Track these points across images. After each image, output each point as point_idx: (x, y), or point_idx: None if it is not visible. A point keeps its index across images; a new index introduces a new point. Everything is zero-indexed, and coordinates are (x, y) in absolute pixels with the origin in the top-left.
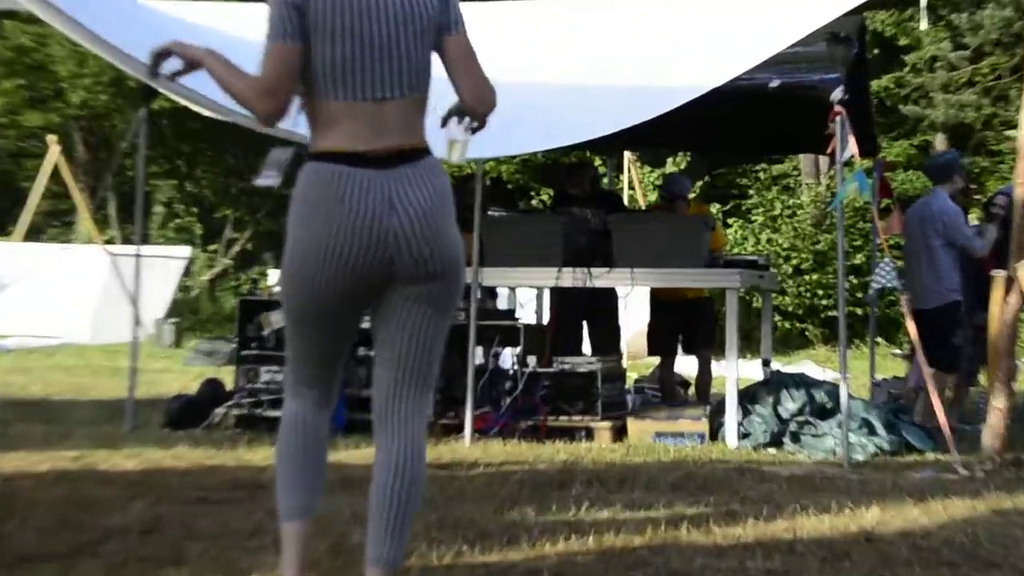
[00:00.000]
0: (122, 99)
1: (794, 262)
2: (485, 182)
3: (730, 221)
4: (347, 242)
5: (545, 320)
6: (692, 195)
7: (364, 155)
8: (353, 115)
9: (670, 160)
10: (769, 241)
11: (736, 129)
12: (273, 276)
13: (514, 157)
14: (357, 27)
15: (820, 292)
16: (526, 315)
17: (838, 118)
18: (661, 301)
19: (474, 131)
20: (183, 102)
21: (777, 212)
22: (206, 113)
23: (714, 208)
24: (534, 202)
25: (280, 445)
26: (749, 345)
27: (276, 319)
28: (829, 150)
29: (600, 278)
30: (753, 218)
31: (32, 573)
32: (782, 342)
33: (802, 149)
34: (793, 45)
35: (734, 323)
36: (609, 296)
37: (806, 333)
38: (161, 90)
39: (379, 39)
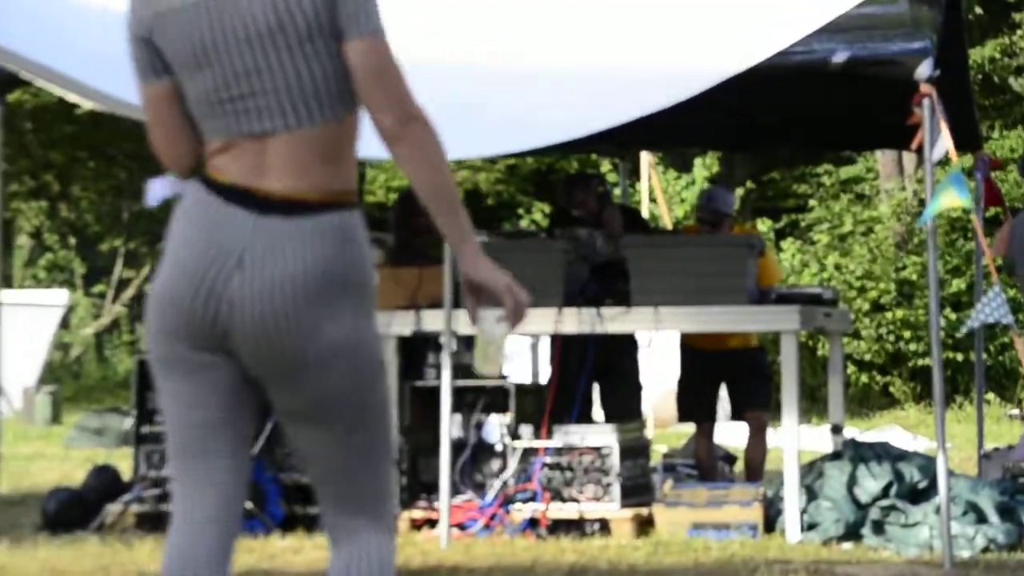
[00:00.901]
0: None
1: (872, 295)
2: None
3: (784, 244)
4: (174, 297)
5: (543, 378)
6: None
7: (244, 190)
8: (235, 155)
9: (699, 161)
10: (838, 268)
11: (789, 120)
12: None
13: (494, 161)
14: (212, 51)
15: (907, 334)
16: (518, 372)
17: (926, 101)
18: (696, 351)
19: (512, 323)
20: (55, 91)
21: (847, 229)
22: (87, 105)
23: (762, 226)
24: (524, 222)
25: None
26: (814, 406)
27: None
28: (915, 145)
29: (614, 321)
30: (816, 238)
31: None
32: (858, 401)
33: (880, 144)
34: (862, 4)
35: (793, 378)
36: (626, 345)
37: (890, 389)
38: (23, 75)
39: (242, 61)
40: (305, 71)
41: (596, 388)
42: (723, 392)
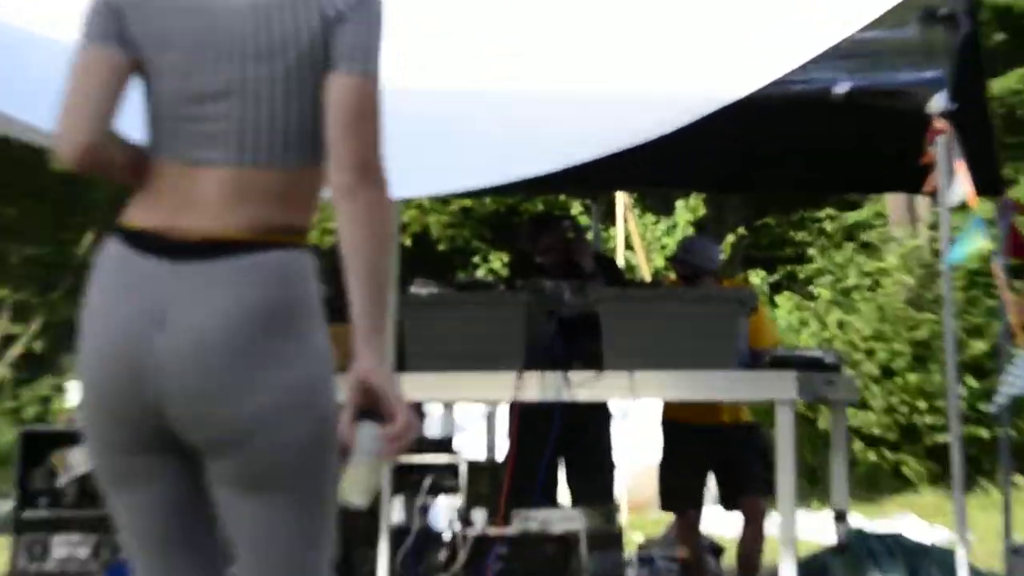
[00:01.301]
0: None
1: (881, 358)
2: (403, 241)
3: (780, 299)
4: (97, 371)
5: (500, 454)
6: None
7: (156, 235)
8: (163, 179)
9: (681, 204)
10: (841, 327)
11: (786, 158)
12: (76, 392)
13: (446, 202)
14: (189, 56)
15: (922, 404)
16: (470, 447)
17: (940, 138)
18: (681, 426)
19: (390, 452)
20: None
21: (852, 282)
22: None
23: (755, 278)
24: (481, 272)
25: None
26: (815, 488)
27: (78, 461)
28: (928, 188)
29: (584, 388)
30: (816, 292)
31: None
32: (866, 483)
33: (889, 187)
34: (867, 27)
35: (790, 454)
36: (598, 416)
37: (903, 469)
38: None
39: (216, 78)
40: (280, 106)
41: (562, 466)
42: (712, 475)
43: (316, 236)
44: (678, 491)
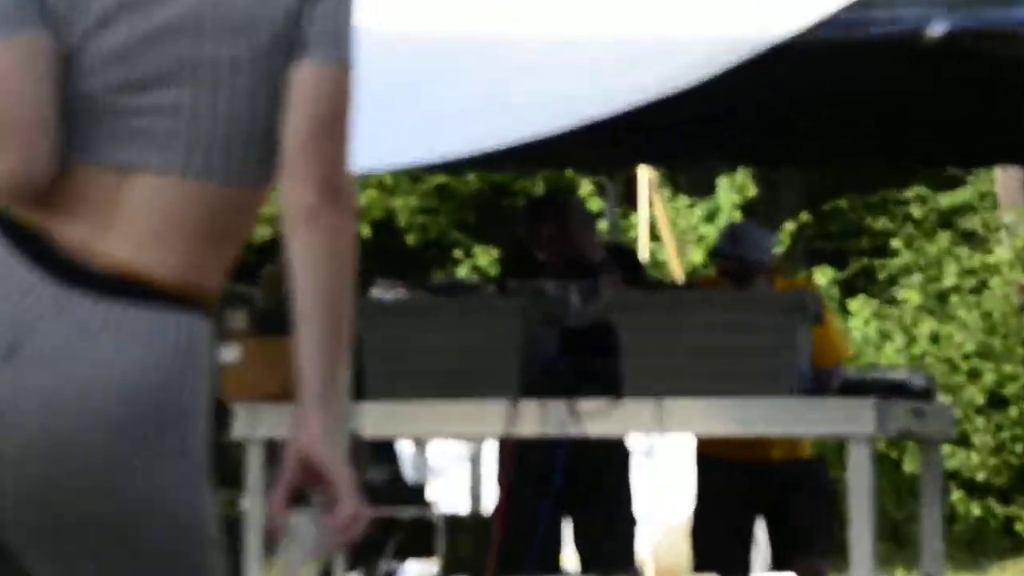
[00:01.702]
0: None
1: (987, 380)
2: (364, 232)
3: (854, 304)
4: None
5: (487, 506)
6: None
7: (45, 243)
8: (79, 189)
9: (724, 181)
10: (935, 340)
11: (860, 121)
12: None
13: (417, 178)
14: (114, 32)
15: None
16: (448, 496)
17: None
18: (720, 463)
19: (331, 544)
20: None
21: (950, 283)
22: None
23: (822, 278)
24: (463, 270)
25: None
26: (900, 550)
27: None
28: None
29: (596, 420)
30: (902, 296)
31: None
32: (967, 543)
33: (998, 159)
34: None
35: (867, 506)
36: (613, 456)
37: (1016, 526)
38: None
39: (168, 59)
40: (244, 99)
41: (567, 521)
42: (761, 527)
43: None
44: (717, 550)
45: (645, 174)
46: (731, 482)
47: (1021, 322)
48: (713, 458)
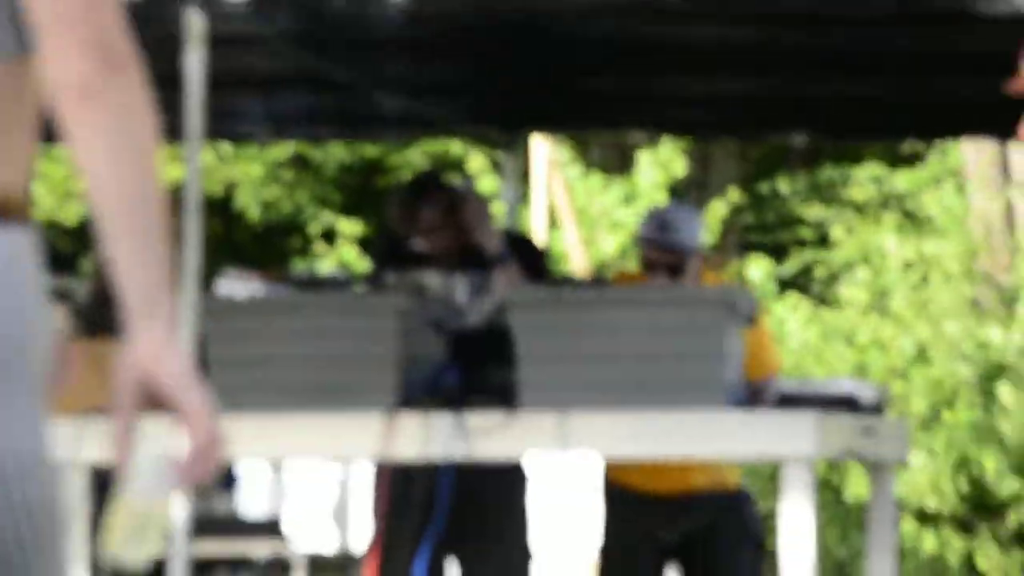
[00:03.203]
0: None
1: (945, 393)
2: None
3: (789, 302)
4: None
5: (358, 543)
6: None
7: None
8: None
9: (644, 156)
10: (884, 350)
11: (805, 82)
12: None
13: (262, 145)
14: None
15: (990, 461)
16: (309, 531)
17: None
18: (627, 494)
19: (189, 478)
20: None
21: (903, 275)
22: None
23: (755, 270)
24: (327, 262)
25: None
26: None
27: None
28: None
29: (488, 437)
30: (845, 295)
31: None
32: None
33: (964, 129)
34: None
35: (808, 543)
36: (507, 482)
37: (976, 561)
38: None
39: None
40: None
41: (452, 560)
42: (675, 570)
43: (52, 203)
44: None
45: (543, 146)
46: (643, 519)
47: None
48: (621, 489)
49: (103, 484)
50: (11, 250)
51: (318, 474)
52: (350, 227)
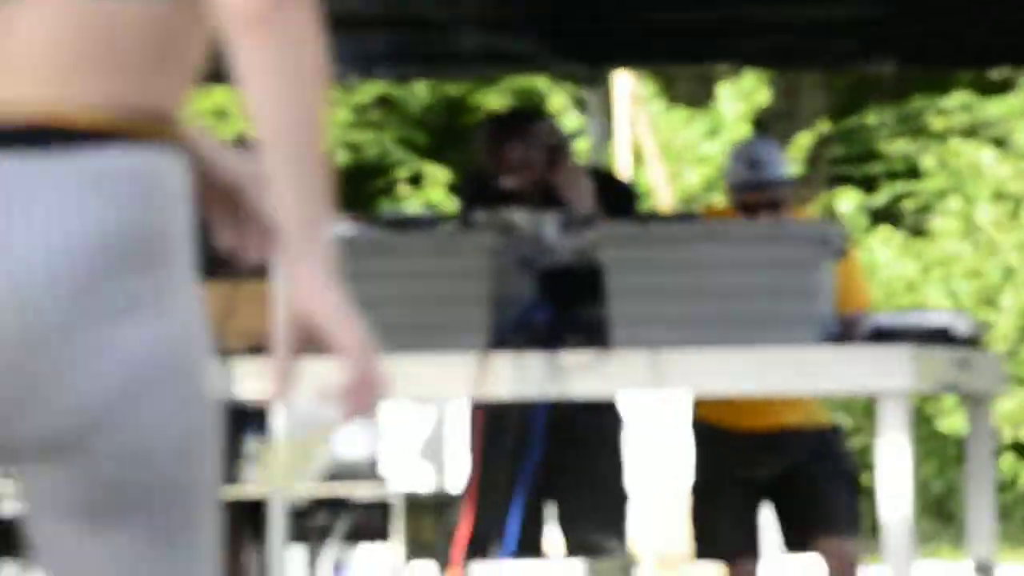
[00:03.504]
0: None
1: None
2: None
3: (882, 235)
4: None
5: (454, 483)
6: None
7: None
8: None
9: (726, 88)
10: (975, 279)
11: (892, 11)
12: None
13: (348, 87)
14: None
15: None
16: (407, 472)
17: None
18: (719, 431)
19: (349, 412)
20: None
21: (991, 213)
22: None
23: (846, 203)
24: (414, 202)
25: None
26: (944, 528)
27: None
28: None
29: (580, 376)
30: (935, 228)
31: None
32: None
33: None
34: None
35: (905, 477)
36: (602, 422)
37: None
38: None
39: None
40: None
41: (550, 499)
42: (770, 506)
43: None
44: (722, 532)
45: (627, 81)
46: (735, 456)
47: None
48: (713, 427)
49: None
50: (183, 168)
51: (413, 414)
52: (436, 172)
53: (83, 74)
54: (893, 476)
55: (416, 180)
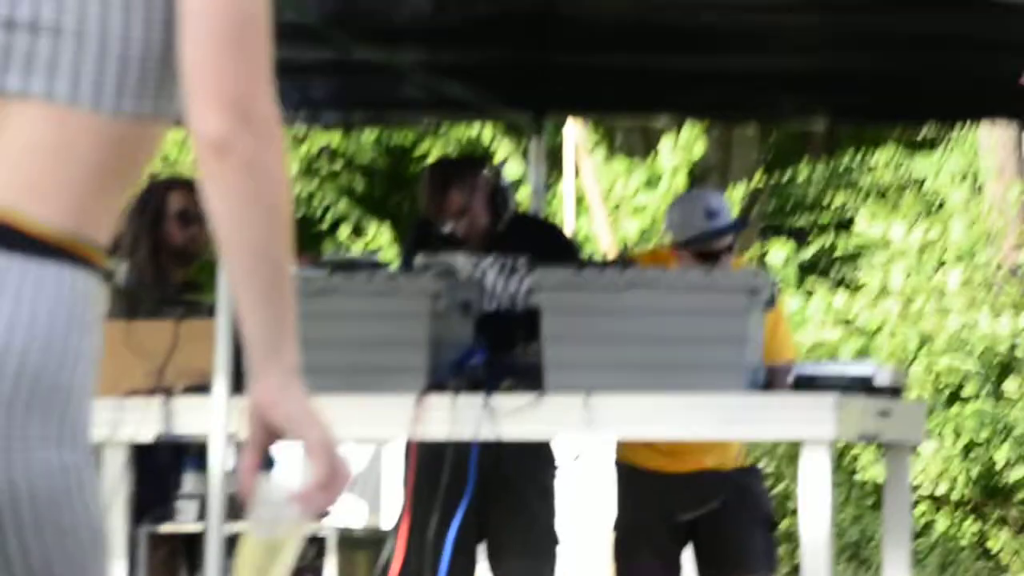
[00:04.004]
0: None
1: (949, 380)
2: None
3: (810, 284)
4: None
5: (388, 519)
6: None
7: None
8: None
9: (668, 141)
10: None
11: (828, 70)
12: None
13: (299, 138)
14: None
15: (1006, 451)
16: (342, 509)
17: None
18: (639, 472)
19: (313, 511)
20: None
21: (915, 262)
22: None
23: (777, 252)
24: (357, 246)
25: None
26: (858, 569)
27: None
28: None
29: (516, 418)
30: (862, 279)
31: None
32: (939, 567)
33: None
34: None
35: (824, 522)
36: (535, 463)
37: (986, 542)
38: None
39: None
40: (139, 18)
41: (482, 537)
42: (689, 548)
43: None
44: (644, 573)
45: (572, 132)
46: (655, 497)
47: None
48: (633, 468)
49: (139, 462)
50: (92, 294)
51: (350, 452)
52: (380, 223)
53: (47, 179)
54: (814, 521)
55: (358, 230)
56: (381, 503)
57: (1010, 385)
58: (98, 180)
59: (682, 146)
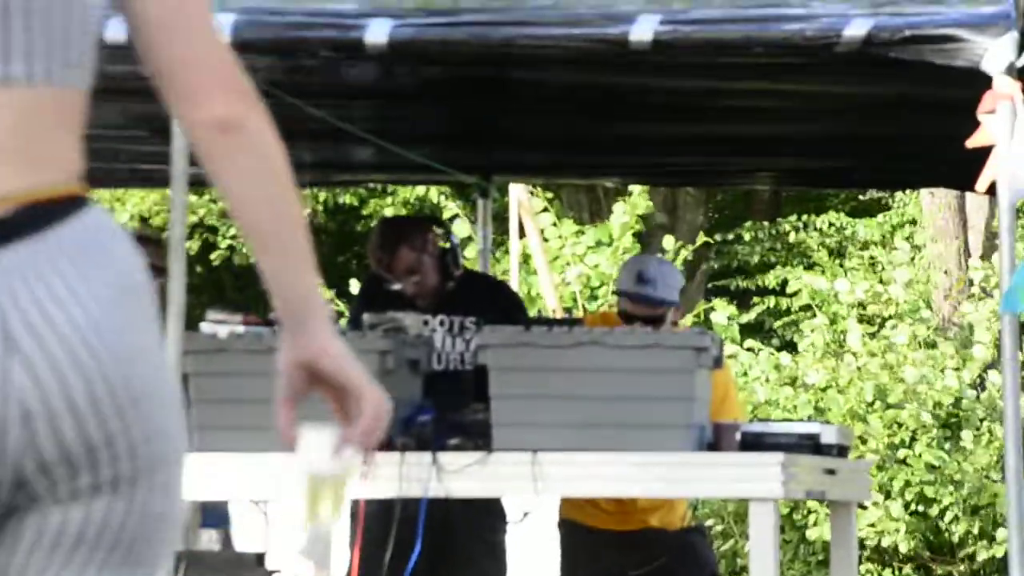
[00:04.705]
0: None
1: (902, 435)
2: (190, 248)
3: (753, 345)
4: None
5: None
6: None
7: None
8: None
9: (621, 203)
10: (840, 390)
11: (773, 135)
12: None
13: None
14: None
15: (952, 500)
16: (288, 566)
17: (1002, 107)
18: (587, 532)
19: (364, 450)
20: None
21: (865, 330)
22: None
23: (720, 314)
24: None
25: None
26: None
27: None
28: (983, 182)
29: (463, 476)
30: (808, 341)
31: None
32: None
33: (926, 181)
34: None
35: None
36: (483, 522)
37: None
38: None
39: None
40: None
41: None
42: None
43: None
44: None
45: (517, 194)
46: (601, 554)
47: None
48: (576, 526)
49: None
50: (101, 218)
51: (295, 511)
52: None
53: (39, 151)
54: None
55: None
56: (329, 562)
57: (957, 440)
58: (68, 127)
59: (630, 207)
